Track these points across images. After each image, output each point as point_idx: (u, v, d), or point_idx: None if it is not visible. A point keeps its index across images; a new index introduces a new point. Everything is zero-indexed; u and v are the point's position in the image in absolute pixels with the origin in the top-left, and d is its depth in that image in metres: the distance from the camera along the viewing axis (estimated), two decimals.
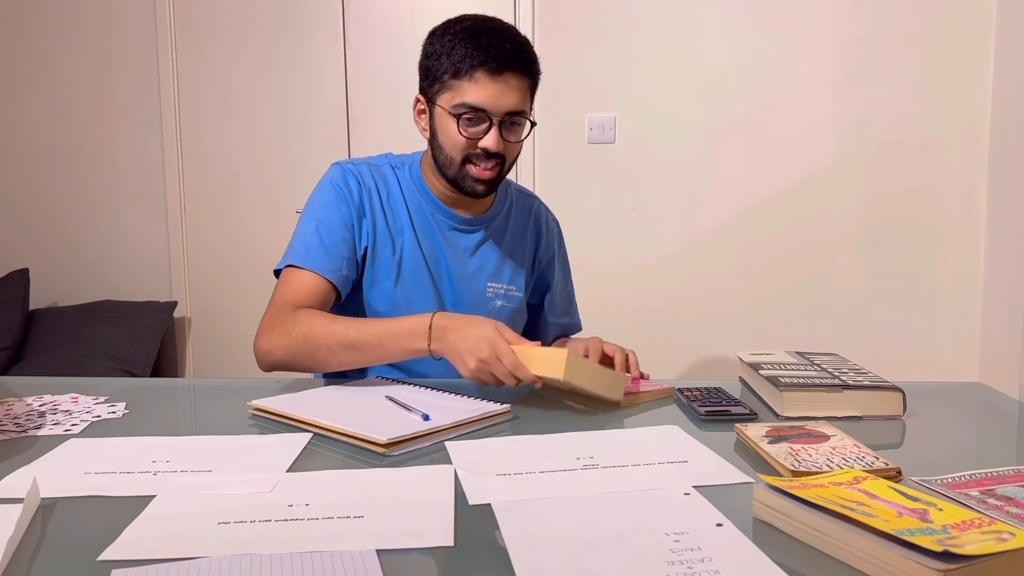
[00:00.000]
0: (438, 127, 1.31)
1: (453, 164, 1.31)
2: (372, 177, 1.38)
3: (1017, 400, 1.20)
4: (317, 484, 0.84)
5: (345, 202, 1.35)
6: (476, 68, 1.25)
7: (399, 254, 1.37)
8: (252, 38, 3.06)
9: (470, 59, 1.25)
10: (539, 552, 0.67)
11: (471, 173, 1.30)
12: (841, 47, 2.86)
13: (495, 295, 1.43)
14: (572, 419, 1.10)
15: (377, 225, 1.36)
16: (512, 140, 1.30)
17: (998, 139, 2.79)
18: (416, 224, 1.39)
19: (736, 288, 2.96)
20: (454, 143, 1.29)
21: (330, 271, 1.30)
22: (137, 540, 0.71)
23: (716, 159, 2.93)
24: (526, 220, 1.51)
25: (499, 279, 1.44)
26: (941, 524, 0.64)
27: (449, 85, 1.28)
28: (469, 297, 1.41)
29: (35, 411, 1.13)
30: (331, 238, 1.32)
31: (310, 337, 1.22)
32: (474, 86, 1.25)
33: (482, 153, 1.28)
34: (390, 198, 1.39)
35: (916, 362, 2.91)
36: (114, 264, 3.20)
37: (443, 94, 1.29)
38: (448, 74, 1.27)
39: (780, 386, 1.10)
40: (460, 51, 1.26)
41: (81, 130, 3.16)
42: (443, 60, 1.27)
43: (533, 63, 1.30)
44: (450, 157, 1.30)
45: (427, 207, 1.40)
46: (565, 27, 2.94)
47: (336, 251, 1.32)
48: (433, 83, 1.30)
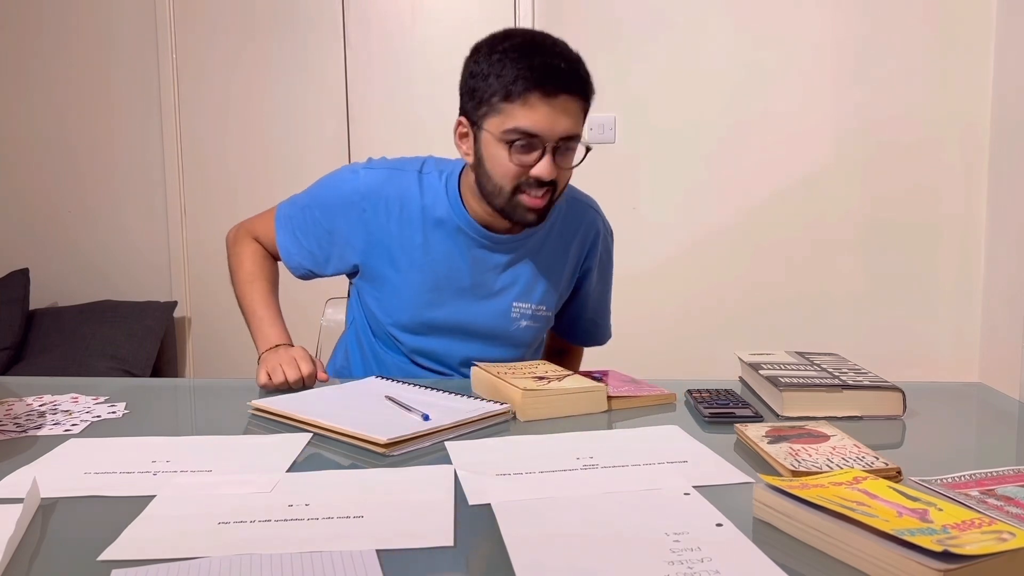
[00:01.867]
0: (485, 154, 1.22)
1: (503, 193, 1.23)
2: (384, 192, 1.33)
3: (1017, 400, 1.20)
4: (317, 484, 0.84)
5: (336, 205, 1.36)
6: (529, 91, 1.16)
7: (407, 269, 1.34)
8: (252, 38, 3.06)
9: (523, 81, 1.16)
10: (539, 552, 0.67)
11: (523, 203, 1.23)
12: (841, 47, 2.86)
13: (520, 315, 1.38)
14: (572, 419, 1.10)
15: (377, 241, 1.34)
16: (565, 166, 1.22)
17: (998, 139, 2.79)
18: (432, 241, 1.33)
19: (736, 288, 2.96)
20: (504, 171, 1.21)
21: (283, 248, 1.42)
22: (137, 540, 0.71)
23: (716, 159, 2.93)
24: (573, 232, 1.41)
25: (528, 299, 1.37)
26: (941, 524, 0.64)
27: (499, 109, 1.19)
28: (489, 318, 1.36)
29: (35, 411, 1.13)
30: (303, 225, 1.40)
31: (233, 270, 1.46)
32: (527, 110, 1.17)
33: (534, 181, 1.21)
34: (403, 213, 1.32)
35: (916, 362, 2.91)
36: (114, 264, 3.20)
37: (491, 118, 1.20)
38: (498, 96, 1.18)
39: (780, 386, 1.10)
40: (511, 72, 1.16)
41: (81, 130, 3.16)
42: (491, 81, 1.18)
43: (588, 84, 1.22)
44: (499, 186, 1.22)
45: (456, 222, 1.32)
46: (565, 27, 2.92)
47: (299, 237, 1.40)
48: (480, 105, 1.21)
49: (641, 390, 1.19)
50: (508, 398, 1.11)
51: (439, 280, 1.34)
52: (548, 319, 1.43)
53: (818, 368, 1.20)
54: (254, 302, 1.40)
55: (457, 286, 1.34)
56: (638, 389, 1.20)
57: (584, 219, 1.43)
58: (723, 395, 1.16)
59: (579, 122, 1.21)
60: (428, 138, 2.33)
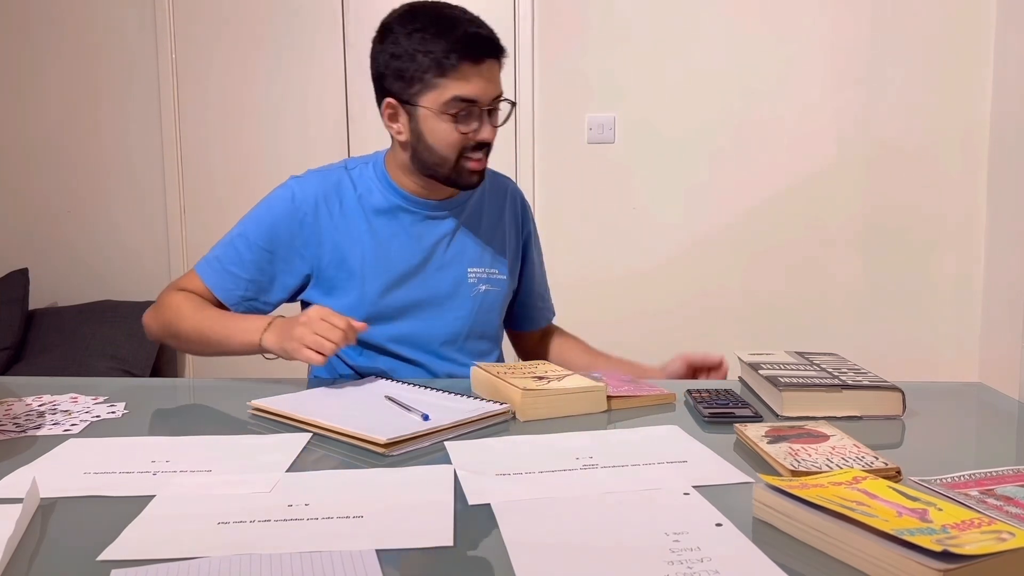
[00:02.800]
0: (424, 128, 1.27)
1: (447, 163, 1.28)
2: (318, 190, 1.35)
3: (1017, 400, 1.20)
4: (317, 484, 0.84)
5: (275, 224, 1.33)
6: (460, 61, 1.22)
7: (360, 260, 1.34)
8: (252, 38, 3.06)
9: (455, 54, 1.22)
10: (539, 552, 0.67)
11: (467, 167, 1.29)
12: (842, 49, 2.86)
13: (477, 279, 1.40)
14: (572, 419, 1.09)
15: (325, 240, 1.34)
16: (498, 124, 1.31)
17: (998, 141, 2.79)
18: (377, 226, 1.35)
19: (736, 288, 2.96)
20: (449, 142, 1.26)
21: (221, 290, 1.34)
22: (137, 540, 0.71)
23: (716, 159, 2.93)
24: (502, 201, 1.47)
25: (480, 263, 1.41)
26: (940, 524, 0.64)
27: (434, 84, 1.24)
28: (449, 286, 1.38)
29: (34, 411, 1.13)
30: (236, 256, 1.34)
31: (175, 321, 1.31)
32: (462, 81, 1.23)
33: (475, 145, 1.28)
34: (343, 206, 1.35)
35: (916, 362, 2.91)
36: (114, 264, 3.20)
37: (427, 94, 1.25)
38: (431, 73, 1.23)
39: (780, 386, 1.10)
40: (439, 46, 1.22)
41: (81, 130, 3.16)
42: (420, 59, 1.23)
43: (503, 46, 1.29)
44: (444, 156, 1.28)
45: (394, 201, 1.36)
46: (565, 27, 2.94)
47: (235, 272, 1.34)
48: (411, 84, 1.26)
49: (641, 390, 1.19)
50: (508, 398, 1.11)
51: (392, 264, 1.35)
52: (506, 286, 1.45)
53: (817, 368, 1.20)
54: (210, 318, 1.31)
55: (410, 264, 1.36)
56: (638, 389, 1.20)
57: (508, 186, 1.51)
58: (723, 395, 1.16)
59: (501, 82, 1.30)
60: None
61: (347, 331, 1.18)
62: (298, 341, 1.17)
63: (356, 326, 1.20)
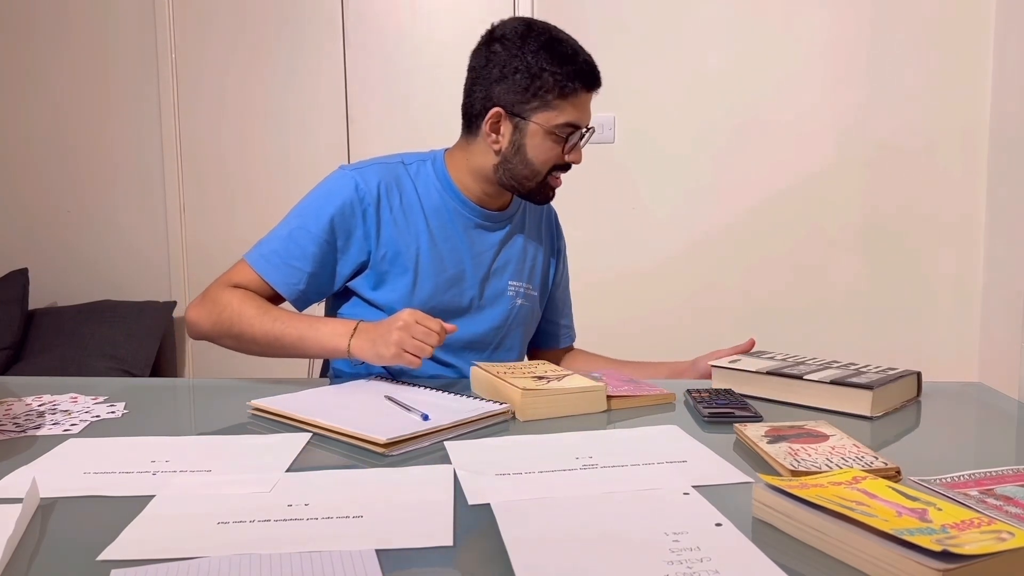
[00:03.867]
0: (529, 143, 1.30)
1: (536, 178, 1.33)
2: (380, 182, 1.33)
3: (1017, 400, 1.20)
4: (316, 484, 0.84)
5: (336, 215, 1.30)
6: (579, 89, 1.28)
7: (416, 257, 1.34)
8: (251, 38, 3.06)
9: (578, 79, 1.28)
10: (538, 552, 0.67)
11: (550, 184, 1.35)
12: (841, 48, 2.86)
13: (516, 293, 1.43)
14: (571, 419, 1.10)
15: (383, 232, 1.32)
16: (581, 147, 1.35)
17: (997, 140, 2.79)
18: (434, 225, 1.36)
19: (735, 288, 2.96)
20: (547, 159, 1.31)
21: (283, 285, 1.31)
22: (136, 540, 0.71)
23: (716, 159, 2.93)
24: (539, 218, 1.51)
25: (520, 277, 1.44)
26: (940, 524, 0.64)
27: (553, 105, 1.28)
28: (492, 295, 1.40)
29: (34, 411, 1.13)
30: (298, 250, 1.30)
31: (236, 322, 1.26)
32: (577, 107, 1.29)
33: (565, 166, 1.33)
34: (403, 201, 1.35)
35: (916, 362, 2.89)
36: (113, 264, 3.20)
37: (543, 112, 1.28)
38: (552, 93, 1.27)
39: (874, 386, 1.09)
40: (566, 70, 1.27)
41: (80, 130, 3.16)
42: (546, 78, 1.27)
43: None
44: (536, 171, 1.32)
45: (453, 204, 1.37)
46: (565, 27, 2.92)
47: (297, 266, 1.30)
48: (531, 99, 1.28)
49: (640, 390, 1.19)
50: (508, 398, 1.11)
51: (444, 265, 1.36)
52: (536, 303, 1.48)
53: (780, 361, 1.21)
54: (282, 321, 1.25)
55: (460, 268, 1.37)
56: (637, 389, 1.20)
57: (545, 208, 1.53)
58: (722, 395, 1.16)
59: None
60: (427, 137, 2.32)
61: (441, 334, 1.18)
62: (397, 346, 1.15)
63: (448, 328, 1.19)
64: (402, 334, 1.15)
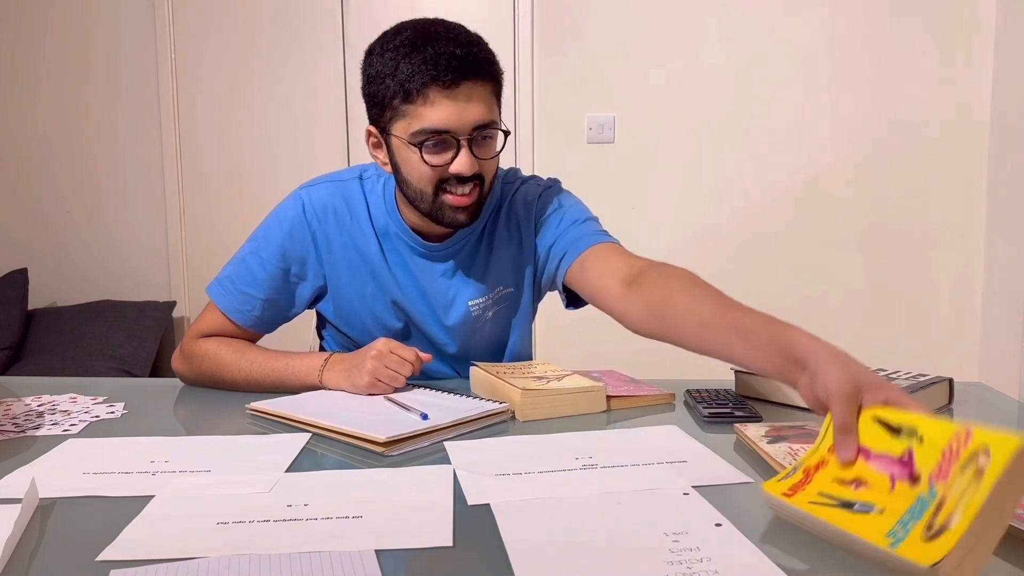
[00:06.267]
0: (399, 159, 1.16)
1: (425, 197, 1.16)
2: (331, 203, 1.27)
3: (1017, 400, 1.20)
4: (316, 484, 0.84)
5: (283, 240, 1.27)
6: (427, 85, 1.08)
7: (370, 281, 1.29)
8: (251, 38, 3.06)
9: (419, 75, 1.08)
10: (538, 552, 0.67)
11: (448, 203, 1.15)
12: (840, 48, 2.86)
13: (482, 309, 1.32)
14: (571, 419, 1.09)
15: (336, 253, 1.27)
16: (486, 157, 1.15)
17: (997, 139, 2.79)
18: (386, 249, 1.28)
19: (735, 287, 2.92)
20: (420, 175, 1.14)
21: (234, 311, 1.28)
22: (136, 540, 0.70)
23: (716, 159, 2.93)
24: (508, 218, 1.32)
25: (481, 294, 1.31)
26: (927, 479, 0.63)
27: (401, 111, 1.11)
28: (454, 320, 1.32)
29: (34, 411, 1.13)
30: (250, 276, 1.28)
31: (216, 371, 1.26)
32: (429, 108, 1.09)
33: (454, 179, 1.13)
34: (354, 221, 1.27)
35: (916, 362, 2.89)
36: (113, 264, 3.20)
37: (397, 122, 1.13)
38: (398, 98, 1.10)
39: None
40: (405, 68, 1.08)
41: (80, 130, 3.16)
42: (388, 83, 1.10)
43: (492, 64, 1.13)
44: (420, 191, 1.15)
45: (395, 230, 1.27)
46: (565, 27, 2.94)
47: (248, 291, 1.28)
48: (383, 111, 1.14)
49: (640, 390, 1.19)
50: (507, 398, 1.11)
51: (397, 290, 1.29)
52: (515, 297, 1.34)
53: None
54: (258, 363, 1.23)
55: (413, 295, 1.30)
56: (637, 389, 1.20)
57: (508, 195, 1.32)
58: (722, 395, 1.16)
59: (491, 107, 1.13)
60: None
61: (415, 363, 1.16)
62: (371, 375, 1.13)
63: (423, 357, 1.17)
64: (376, 363, 1.13)
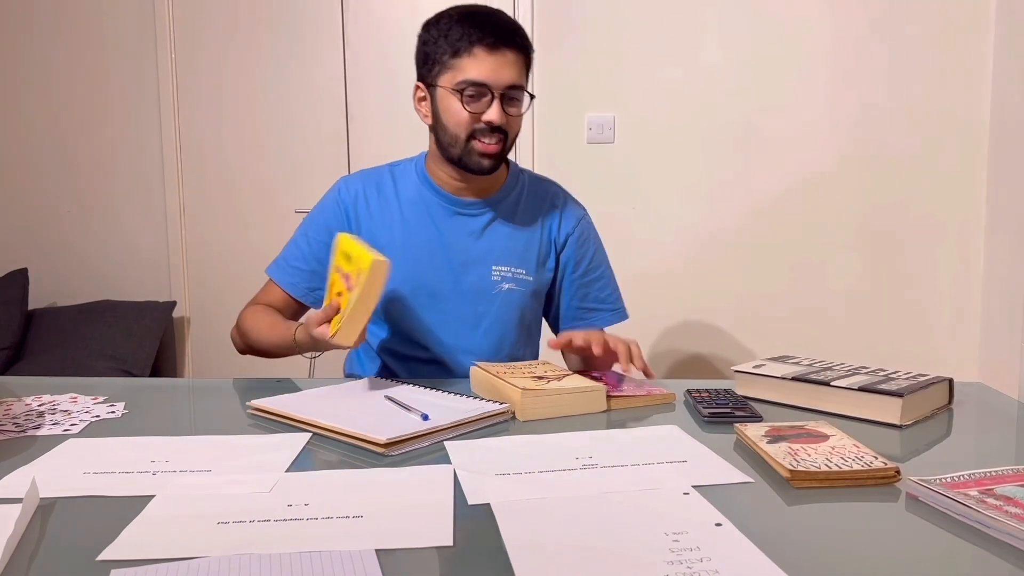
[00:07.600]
0: (440, 108, 1.36)
1: (458, 142, 1.34)
2: (363, 186, 1.46)
3: (1016, 400, 1.21)
4: (316, 484, 0.84)
5: (327, 219, 1.45)
6: (474, 44, 1.30)
7: (390, 244, 1.40)
8: (251, 38, 3.06)
9: (468, 37, 1.30)
10: (538, 552, 0.67)
11: (477, 148, 1.34)
12: (840, 47, 2.85)
13: (501, 278, 1.43)
14: (571, 419, 1.09)
15: (362, 228, 1.43)
16: (513, 114, 1.35)
17: (997, 140, 2.79)
18: (408, 216, 1.43)
19: (735, 287, 2.96)
20: (458, 120, 1.33)
21: (287, 284, 1.45)
22: (136, 540, 0.71)
23: (716, 159, 2.93)
24: (540, 204, 1.50)
25: (506, 262, 1.44)
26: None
27: (449, 65, 1.32)
28: (472, 281, 1.42)
29: (34, 411, 1.13)
30: (298, 254, 1.46)
31: (256, 338, 1.41)
32: (474, 62, 1.30)
33: (486, 128, 1.32)
34: (380, 199, 1.45)
35: (916, 362, 2.89)
36: (113, 264, 3.20)
37: (444, 75, 1.34)
38: (448, 54, 1.32)
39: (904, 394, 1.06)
40: (457, 31, 1.31)
41: (80, 130, 3.16)
42: (441, 43, 1.33)
43: (527, 40, 1.36)
44: (455, 135, 1.34)
45: (428, 195, 1.44)
46: (565, 27, 2.93)
47: (299, 267, 1.45)
48: (432, 67, 1.35)
49: (640, 390, 1.19)
50: (507, 398, 1.11)
51: (420, 253, 1.41)
52: (531, 286, 1.45)
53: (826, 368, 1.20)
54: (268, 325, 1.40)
55: (438, 257, 1.42)
56: (637, 389, 1.20)
57: (548, 191, 1.54)
58: (722, 395, 1.16)
59: (522, 73, 1.35)
60: (427, 138, 2.32)
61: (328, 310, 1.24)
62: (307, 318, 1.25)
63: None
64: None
